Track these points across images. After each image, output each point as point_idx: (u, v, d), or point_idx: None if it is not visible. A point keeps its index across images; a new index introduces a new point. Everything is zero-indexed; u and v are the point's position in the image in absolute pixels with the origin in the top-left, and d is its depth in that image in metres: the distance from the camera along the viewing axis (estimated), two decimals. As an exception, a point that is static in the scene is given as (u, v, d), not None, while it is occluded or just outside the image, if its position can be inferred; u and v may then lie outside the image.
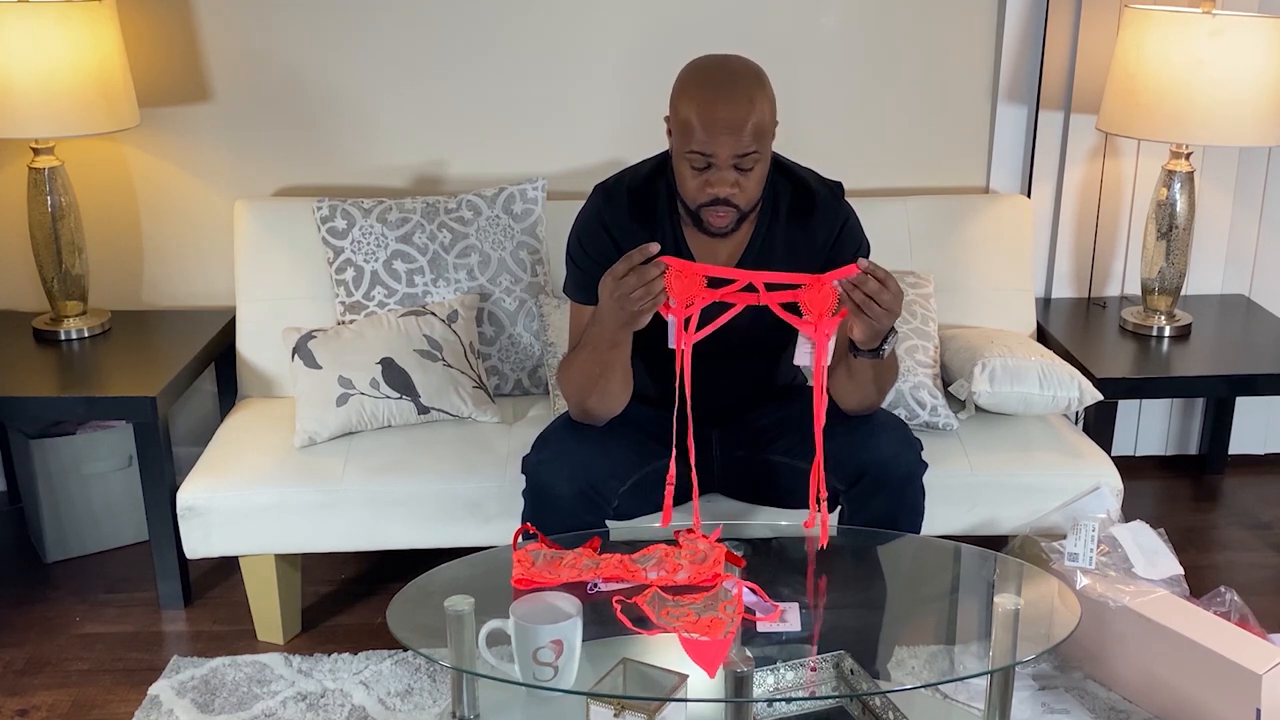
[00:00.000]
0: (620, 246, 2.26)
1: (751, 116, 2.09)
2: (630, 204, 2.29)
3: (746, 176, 2.14)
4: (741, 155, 2.11)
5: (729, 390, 2.43)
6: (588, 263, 2.30)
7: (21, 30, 2.72)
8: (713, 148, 2.10)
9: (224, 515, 2.55)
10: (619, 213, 2.29)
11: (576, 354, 2.26)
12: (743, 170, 2.13)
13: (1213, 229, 3.35)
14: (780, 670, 2.03)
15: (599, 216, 2.31)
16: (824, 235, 2.31)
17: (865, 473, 2.26)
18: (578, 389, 2.27)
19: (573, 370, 2.27)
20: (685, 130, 2.12)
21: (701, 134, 2.09)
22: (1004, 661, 1.93)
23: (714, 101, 2.09)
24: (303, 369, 2.72)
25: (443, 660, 1.92)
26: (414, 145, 3.16)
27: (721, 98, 2.09)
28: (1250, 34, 2.81)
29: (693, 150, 2.11)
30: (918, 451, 2.33)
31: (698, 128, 2.09)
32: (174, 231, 3.19)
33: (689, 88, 2.14)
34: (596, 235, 2.30)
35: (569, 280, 2.37)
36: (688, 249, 2.30)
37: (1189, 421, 3.56)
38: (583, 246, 2.32)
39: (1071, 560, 2.48)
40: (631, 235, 2.27)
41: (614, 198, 2.31)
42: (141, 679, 2.58)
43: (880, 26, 3.14)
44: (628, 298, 2.06)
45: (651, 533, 2.29)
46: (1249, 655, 2.25)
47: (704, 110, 2.09)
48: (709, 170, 2.13)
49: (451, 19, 3.07)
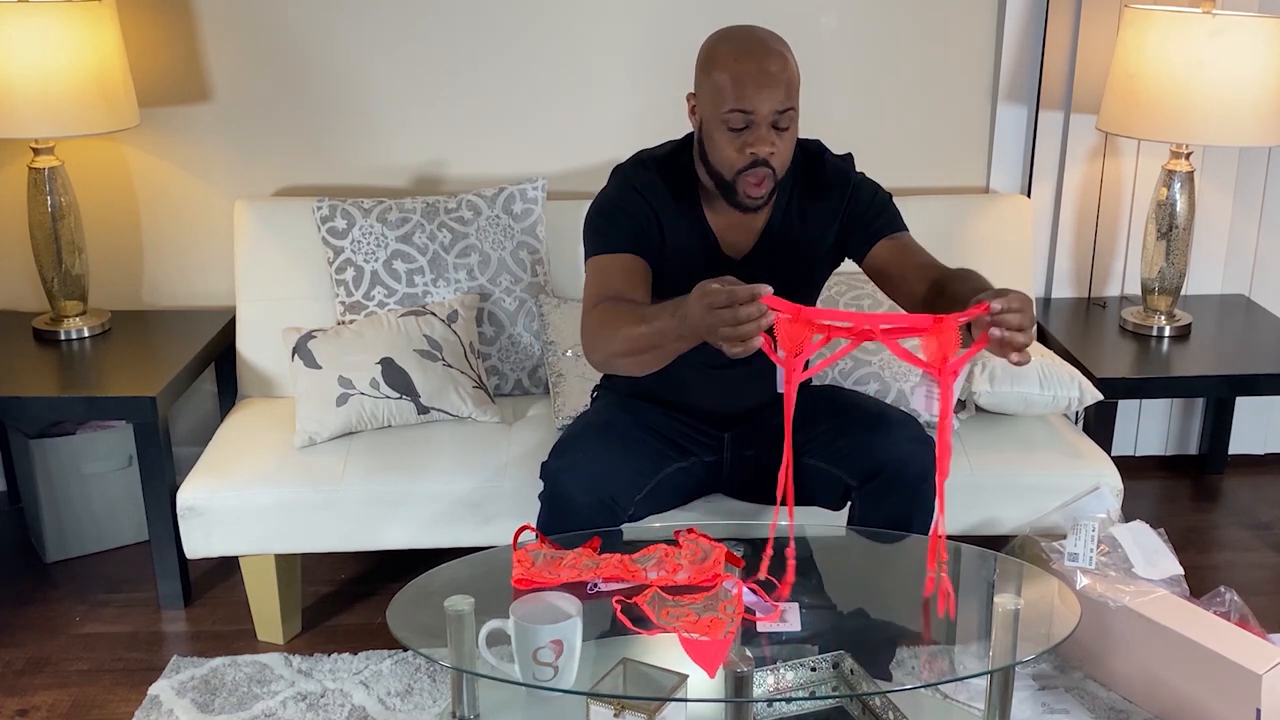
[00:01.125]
0: (653, 207, 2.26)
1: (786, 71, 2.13)
2: (661, 173, 2.29)
3: (782, 136, 2.16)
4: (780, 111, 2.13)
5: (747, 395, 2.42)
6: (619, 215, 2.25)
7: (21, 30, 2.72)
8: (754, 103, 2.11)
9: (224, 515, 2.55)
10: (648, 178, 2.29)
11: (634, 323, 2.08)
12: (779, 129, 2.15)
13: (1213, 229, 3.35)
14: (780, 670, 2.03)
15: (628, 180, 2.29)
16: (836, 198, 2.31)
17: (880, 470, 2.26)
18: (617, 350, 2.12)
19: (620, 334, 2.11)
20: (723, 91, 2.13)
21: (742, 90, 2.11)
22: (1004, 661, 1.93)
23: (751, 58, 2.12)
24: (303, 369, 2.72)
25: (443, 660, 1.92)
26: (414, 145, 3.16)
27: (757, 55, 2.12)
28: (1250, 34, 2.81)
29: (733, 109, 2.12)
30: (932, 449, 2.32)
31: (738, 84, 2.11)
32: (174, 231, 3.19)
33: (722, 52, 2.16)
34: (627, 195, 2.27)
35: (590, 238, 2.28)
36: (710, 230, 2.30)
37: (1189, 421, 3.56)
38: (612, 203, 2.28)
39: (1071, 560, 2.48)
40: (658, 201, 2.27)
41: (640, 166, 2.31)
42: (141, 679, 2.58)
43: (880, 26, 3.14)
44: (728, 326, 1.85)
45: (652, 533, 2.29)
46: (1249, 655, 2.25)
47: (743, 67, 2.12)
48: (747, 131, 2.14)
49: (452, 19, 3.07)
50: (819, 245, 2.35)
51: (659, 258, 2.28)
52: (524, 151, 3.17)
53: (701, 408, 2.42)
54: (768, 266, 2.30)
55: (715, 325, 1.86)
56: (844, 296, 2.90)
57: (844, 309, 2.85)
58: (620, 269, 2.23)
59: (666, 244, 2.28)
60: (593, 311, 2.18)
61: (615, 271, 2.23)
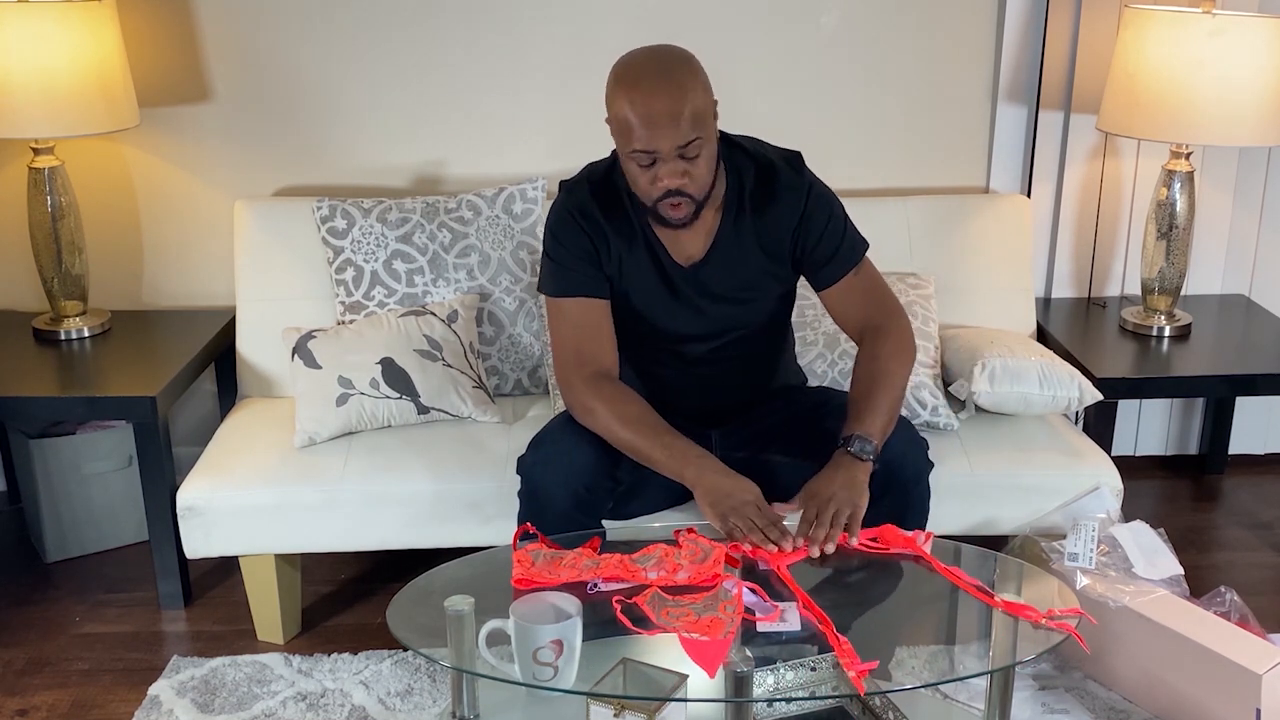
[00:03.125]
0: (589, 233, 2.28)
1: (686, 105, 2.08)
2: (593, 192, 2.30)
3: (694, 164, 2.14)
4: (684, 145, 2.10)
5: (729, 391, 2.43)
6: (560, 253, 2.30)
7: (21, 30, 2.72)
8: (654, 143, 2.09)
9: (224, 515, 2.55)
10: (584, 200, 2.30)
11: (616, 419, 2.24)
12: (688, 159, 2.13)
13: (1213, 229, 3.35)
14: (780, 670, 2.03)
15: (565, 207, 2.31)
16: (788, 215, 2.30)
17: (874, 472, 2.26)
18: (603, 431, 2.27)
19: (601, 418, 2.26)
20: (624, 130, 2.12)
21: (641, 131, 2.09)
22: (1004, 661, 1.93)
23: (646, 97, 2.08)
24: (303, 369, 2.72)
25: (443, 660, 1.92)
26: (414, 145, 3.16)
27: (653, 92, 2.08)
28: (1250, 34, 2.81)
29: (635, 149, 2.12)
30: (924, 450, 2.34)
31: (636, 126, 2.09)
32: (174, 231, 3.20)
33: (620, 87, 2.12)
34: (567, 225, 2.30)
35: (546, 275, 2.34)
36: (657, 240, 2.30)
37: (1189, 421, 3.56)
38: (556, 237, 2.31)
39: (1071, 560, 2.48)
40: (599, 222, 2.28)
41: (576, 189, 2.32)
42: (141, 679, 2.58)
43: (880, 26, 3.14)
44: (737, 527, 2.12)
45: (651, 533, 2.29)
46: (1249, 655, 2.25)
47: (638, 108, 2.08)
48: (655, 165, 2.13)
49: (452, 19, 3.07)
50: (774, 251, 2.33)
51: (616, 275, 2.31)
52: (524, 151, 3.17)
53: (684, 405, 2.42)
54: (721, 273, 2.31)
55: (727, 515, 2.13)
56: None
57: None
58: (583, 324, 2.30)
59: (615, 261, 2.30)
60: (585, 388, 2.28)
61: (579, 325, 2.30)
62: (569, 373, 2.31)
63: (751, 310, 2.36)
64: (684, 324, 2.35)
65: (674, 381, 2.41)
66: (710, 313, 2.33)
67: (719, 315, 2.34)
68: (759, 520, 2.11)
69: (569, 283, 2.31)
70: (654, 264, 2.30)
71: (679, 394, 2.42)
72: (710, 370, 2.37)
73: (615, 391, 2.29)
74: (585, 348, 2.31)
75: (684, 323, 2.34)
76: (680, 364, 2.39)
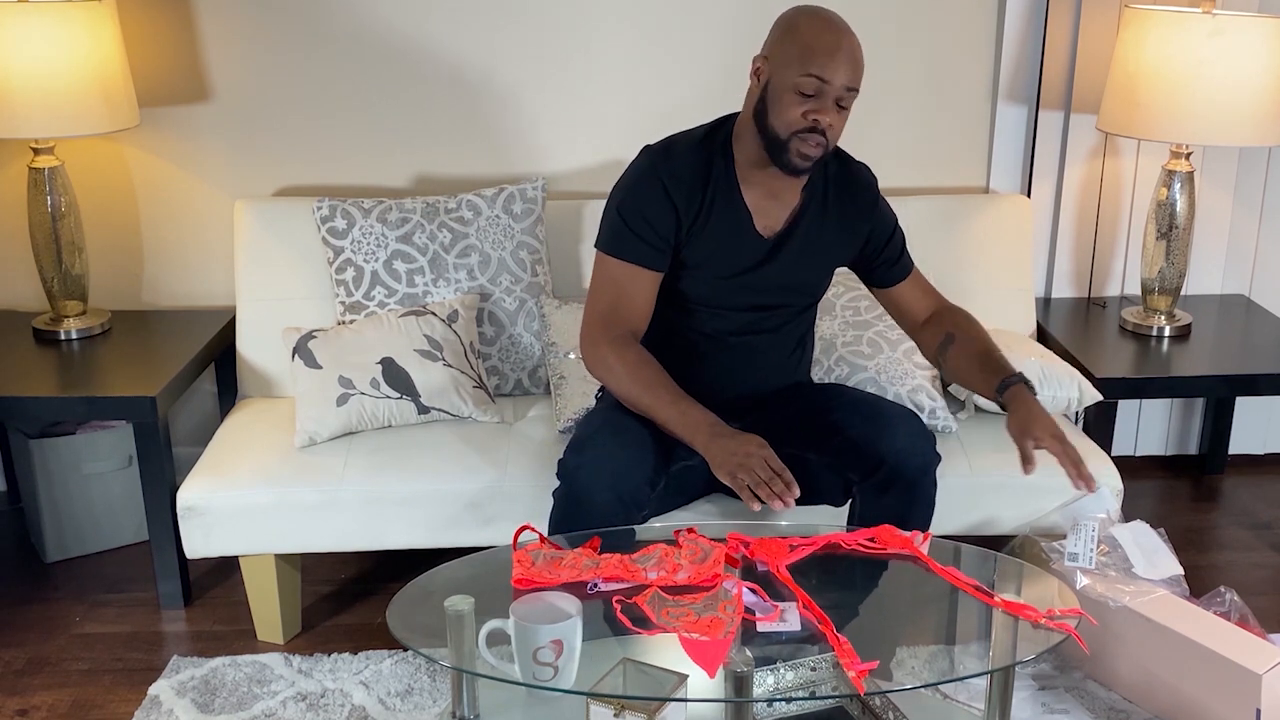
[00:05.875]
0: (675, 203, 2.30)
1: (859, 54, 2.24)
2: (686, 160, 2.32)
3: (840, 116, 2.24)
4: (849, 90, 2.22)
5: (753, 375, 2.43)
6: (635, 217, 2.30)
7: (21, 30, 2.72)
8: (831, 72, 2.19)
9: (224, 515, 2.55)
10: (677, 168, 2.31)
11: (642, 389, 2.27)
12: (841, 107, 2.23)
13: (1213, 229, 3.35)
14: (780, 670, 2.03)
15: (655, 171, 2.31)
16: (865, 209, 2.43)
17: (881, 463, 2.28)
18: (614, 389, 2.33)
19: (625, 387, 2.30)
20: (805, 55, 2.20)
21: (823, 59, 2.19)
22: (1004, 661, 1.93)
23: (835, 33, 2.22)
24: (303, 369, 2.72)
25: (443, 660, 1.92)
26: (414, 145, 3.16)
27: (841, 31, 2.23)
28: (1250, 34, 2.81)
29: (810, 74, 2.19)
30: (932, 444, 2.36)
31: (819, 52, 2.19)
32: (174, 231, 3.20)
33: (806, 22, 2.24)
34: (652, 191, 2.30)
35: (608, 232, 2.34)
36: (745, 206, 2.33)
37: (1189, 421, 3.56)
38: (635, 200, 2.31)
39: (1071, 560, 2.48)
40: (689, 191, 2.30)
41: (670, 154, 2.33)
42: (141, 679, 2.58)
43: (880, 26, 3.13)
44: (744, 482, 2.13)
45: (652, 533, 2.29)
46: (1249, 655, 2.25)
47: (828, 39, 2.20)
48: (815, 99, 2.20)
49: (451, 19, 3.07)
50: (841, 241, 2.42)
51: (692, 241, 2.33)
52: (524, 151, 3.17)
53: (700, 389, 2.42)
54: (795, 250, 2.37)
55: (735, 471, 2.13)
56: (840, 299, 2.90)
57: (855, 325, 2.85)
58: (627, 288, 2.32)
59: (696, 226, 2.32)
60: (608, 347, 2.31)
61: (623, 288, 2.33)
62: (596, 330, 2.32)
63: (806, 290, 2.45)
64: (746, 290, 2.38)
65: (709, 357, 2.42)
66: (775, 280, 2.38)
67: (779, 287, 2.40)
68: (763, 473, 2.12)
69: (629, 248, 2.31)
70: (738, 229, 2.34)
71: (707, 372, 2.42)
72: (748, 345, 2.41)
73: (637, 355, 2.31)
74: (621, 311, 2.32)
75: (747, 288, 2.38)
76: (722, 336, 2.40)
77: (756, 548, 2.11)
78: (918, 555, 2.12)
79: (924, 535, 2.15)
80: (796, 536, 2.16)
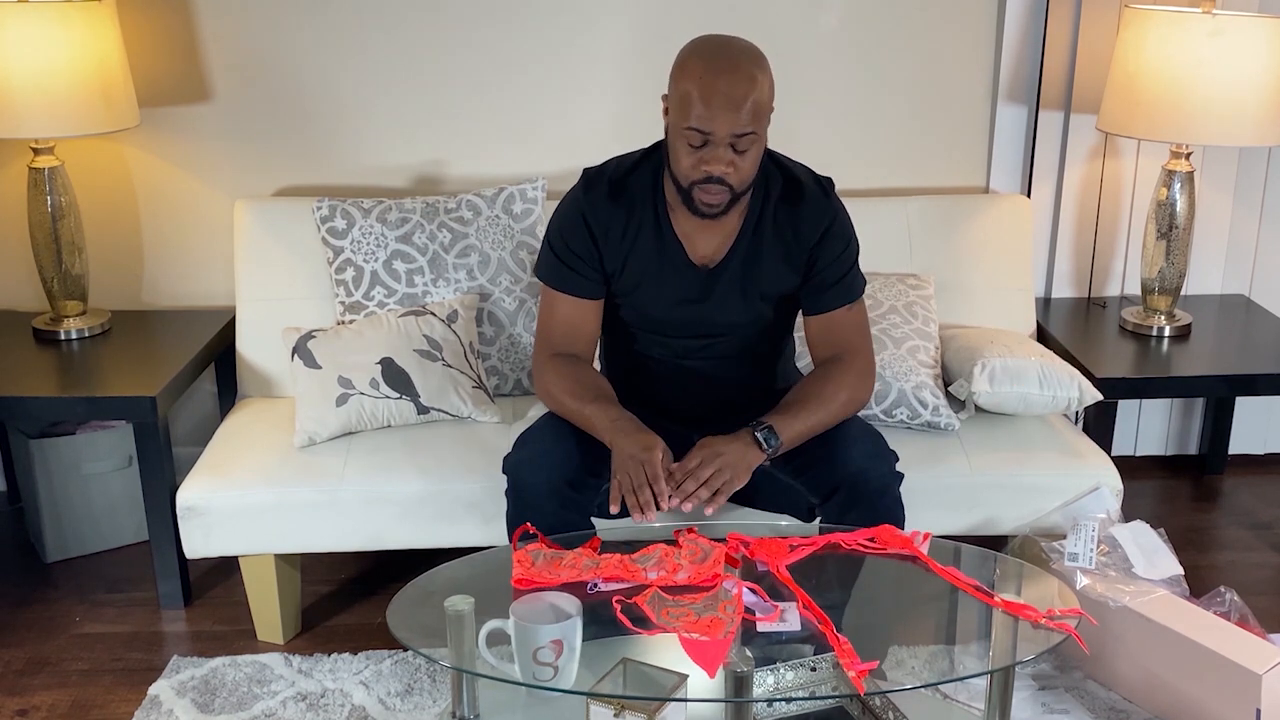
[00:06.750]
0: (595, 235, 2.29)
1: (751, 94, 2.09)
2: (610, 191, 2.30)
3: (742, 158, 2.14)
4: (739, 135, 2.11)
5: (714, 393, 2.42)
6: (562, 249, 2.33)
7: (21, 30, 2.72)
8: (711, 124, 2.09)
9: (224, 515, 2.55)
10: (597, 199, 2.30)
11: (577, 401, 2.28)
12: (739, 151, 2.13)
13: (1213, 229, 3.35)
14: (780, 670, 2.03)
15: (576, 204, 2.32)
16: (809, 230, 2.31)
17: (839, 486, 2.25)
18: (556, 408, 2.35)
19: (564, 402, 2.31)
20: (684, 105, 2.11)
21: (701, 109, 2.09)
22: (1004, 661, 1.93)
23: (715, 77, 2.09)
24: (303, 369, 2.72)
25: (443, 660, 1.92)
26: (414, 145, 3.16)
27: (723, 74, 2.09)
28: (1250, 34, 2.81)
29: (690, 126, 2.11)
30: (891, 464, 2.31)
31: (697, 103, 2.09)
32: (174, 231, 3.20)
33: (690, 63, 2.13)
34: (574, 223, 2.32)
35: (541, 262, 2.38)
36: (674, 235, 2.30)
37: (1189, 421, 3.56)
38: (560, 233, 2.34)
39: (1071, 560, 2.48)
40: (609, 222, 2.29)
41: (594, 185, 2.32)
42: (141, 679, 2.58)
43: (880, 26, 3.14)
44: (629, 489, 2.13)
45: (651, 533, 2.29)
46: (1249, 655, 2.25)
47: (705, 85, 2.09)
48: (705, 148, 2.13)
49: (451, 19, 3.07)
50: (777, 274, 2.34)
51: (619, 271, 2.32)
52: (524, 151, 3.17)
53: (673, 404, 2.42)
54: (735, 277, 2.32)
55: (622, 478, 2.13)
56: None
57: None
58: (564, 317, 2.35)
59: (620, 256, 2.31)
60: (547, 364, 2.35)
61: (561, 317, 2.35)
62: (540, 355, 2.37)
63: (755, 315, 2.36)
64: (687, 323, 2.35)
65: (665, 378, 2.41)
66: (716, 315, 2.34)
67: (723, 317, 2.35)
68: (635, 478, 2.11)
69: (563, 279, 2.33)
70: (669, 262, 2.31)
71: (668, 392, 2.42)
72: (704, 367, 2.37)
73: (572, 367, 2.32)
74: (561, 335, 2.36)
75: (687, 321, 2.35)
76: (674, 360, 2.39)
77: (756, 548, 2.11)
78: (918, 555, 2.12)
79: (924, 535, 2.15)
80: (796, 536, 2.16)
